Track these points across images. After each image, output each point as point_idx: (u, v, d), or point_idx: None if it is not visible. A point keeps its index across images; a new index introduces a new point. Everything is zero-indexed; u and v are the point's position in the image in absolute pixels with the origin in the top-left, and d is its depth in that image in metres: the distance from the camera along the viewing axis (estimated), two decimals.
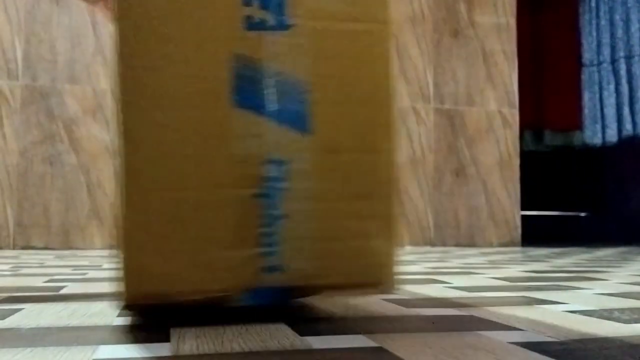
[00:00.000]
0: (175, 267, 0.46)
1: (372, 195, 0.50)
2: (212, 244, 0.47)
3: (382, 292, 0.50)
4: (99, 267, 1.06)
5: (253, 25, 0.48)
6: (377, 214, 0.50)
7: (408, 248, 2.03)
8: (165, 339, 0.41)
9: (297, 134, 0.48)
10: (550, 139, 2.81)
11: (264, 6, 0.48)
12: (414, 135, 2.22)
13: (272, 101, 0.48)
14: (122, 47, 0.46)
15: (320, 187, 0.49)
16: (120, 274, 0.46)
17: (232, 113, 0.47)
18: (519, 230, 2.29)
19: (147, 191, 0.46)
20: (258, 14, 0.48)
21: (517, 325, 0.47)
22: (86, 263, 1.18)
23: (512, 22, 2.37)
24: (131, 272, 0.46)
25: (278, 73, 0.48)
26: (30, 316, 0.51)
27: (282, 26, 0.49)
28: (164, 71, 0.47)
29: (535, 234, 3.79)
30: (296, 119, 0.48)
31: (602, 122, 2.69)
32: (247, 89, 0.48)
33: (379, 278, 0.50)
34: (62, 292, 0.69)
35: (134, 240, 0.46)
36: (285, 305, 0.48)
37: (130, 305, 0.46)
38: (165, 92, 0.46)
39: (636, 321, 0.49)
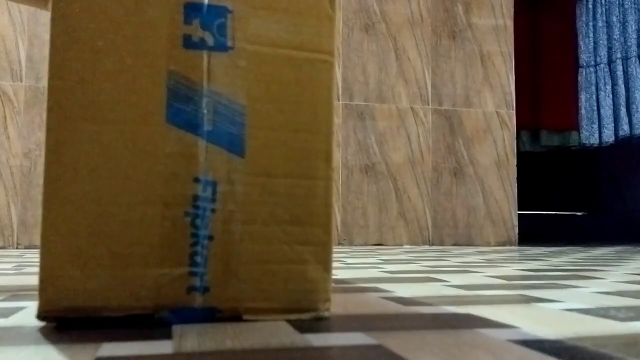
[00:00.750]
0: (96, 283, 0.45)
1: (308, 221, 0.50)
2: (137, 261, 0.46)
3: (314, 318, 0.50)
4: None
5: (192, 44, 0.47)
6: (312, 239, 0.50)
7: (406, 247, 2.04)
8: (168, 336, 0.42)
9: (230, 156, 0.48)
10: (547, 139, 2.82)
11: (205, 26, 0.48)
12: (412, 136, 2.23)
13: (207, 121, 0.48)
14: (53, 57, 0.46)
15: (251, 210, 0.48)
16: (39, 285, 0.45)
17: (165, 130, 0.47)
18: (516, 230, 2.30)
19: (68, 203, 0.45)
20: (198, 33, 0.48)
21: (514, 323, 0.48)
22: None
23: (510, 23, 2.38)
24: (47, 283, 0.45)
25: (215, 94, 0.48)
26: (33, 314, 0.51)
27: (222, 47, 0.48)
28: (96, 84, 0.46)
29: (532, 233, 3.80)
30: (230, 141, 0.48)
31: (598, 123, 2.70)
32: (181, 108, 0.47)
33: (309, 303, 0.50)
34: None
35: (52, 252, 0.45)
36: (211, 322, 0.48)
37: (47, 317, 0.45)
38: (95, 105, 0.46)
39: (632, 319, 0.50)
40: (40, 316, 0.45)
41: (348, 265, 1.15)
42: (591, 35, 2.74)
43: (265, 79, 0.49)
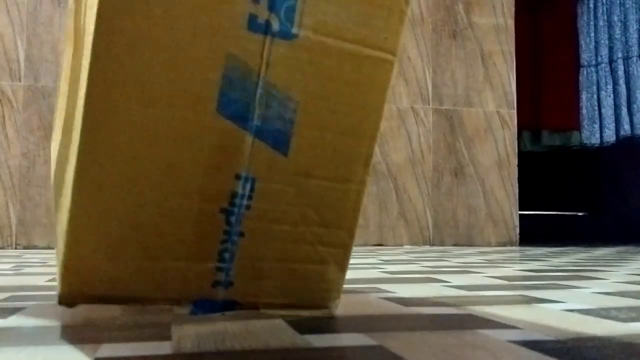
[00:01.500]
0: (123, 272, 0.43)
1: (335, 224, 0.49)
2: (167, 254, 0.44)
3: (324, 313, 0.51)
4: None
5: (256, 26, 0.42)
6: (335, 241, 0.49)
7: (407, 247, 2.04)
8: (167, 337, 0.41)
9: (273, 153, 0.45)
10: (548, 139, 2.82)
11: (273, 7, 0.42)
12: (413, 136, 2.23)
13: (257, 115, 0.44)
14: (101, 20, 0.39)
15: (284, 210, 0.47)
16: (60, 269, 0.43)
17: (214, 121, 0.42)
18: (517, 230, 2.30)
19: (102, 187, 0.42)
20: (264, 14, 0.42)
21: (515, 324, 0.47)
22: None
23: (511, 23, 2.38)
24: (70, 269, 0.42)
25: (270, 85, 0.44)
26: (32, 315, 0.51)
27: (287, 35, 0.43)
28: (147, 56, 0.40)
29: (533, 234, 3.80)
30: (277, 138, 0.45)
31: (600, 123, 2.70)
32: (234, 97, 0.43)
33: (322, 300, 0.50)
34: None
35: (80, 236, 0.42)
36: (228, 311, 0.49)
37: (67, 302, 0.44)
38: (143, 82, 0.40)
39: (633, 320, 0.50)
40: (61, 302, 0.43)
41: (348, 265, 1.15)
42: (592, 34, 2.74)
43: (323, 74, 0.45)
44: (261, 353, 0.37)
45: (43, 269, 1.01)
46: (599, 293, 0.70)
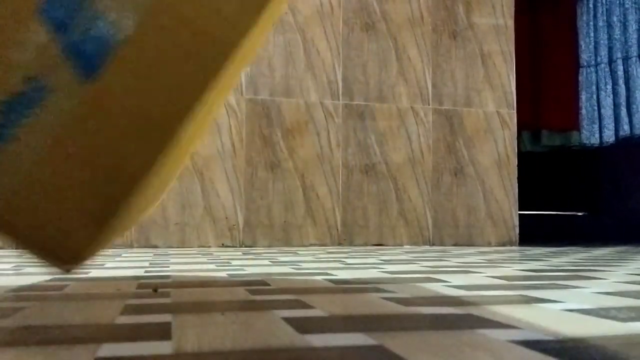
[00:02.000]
0: None
1: (116, 180, 0.46)
2: None
3: (57, 268, 0.48)
4: (101, 266, 1.07)
5: None
6: (110, 196, 0.46)
7: (407, 247, 2.04)
8: (167, 337, 0.42)
9: (78, 75, 0.44)
10: (548, 139, 2.82)
11: None
12: (412, 136, 2.23)
13: (75, 28, 0.44)
14: None
15: (75, 141, 0.45)
16: None
17: (30, 17, 0.43)
18: (517, 230, 2.30)
19: None
20: None
21: (515, 324, 0.47)
22: (88, 262, 1.18)
23: (510, 23, 2.38)
24: None
25: (100, 11, 0.44)
26: (32, 315, 0.51)
27: None
28: None
29: (532, 234, 3.80)
30: (90, 61, 0.44)
31: (599, 123, 2.70)
32: (59, 5, 0.43)
33: (59, 261, 0.47)
34: (65, 290, 0.69)
35: None
36: None
37: None
38: None
39: (633, 320, 0.50)
40: None
41: (348, 265, 1.15)
42: (592, 34, 2.74)
43: (164, 12, 0.44)
44: (261, 352, 0.37)
45: (43, 269, 1.01)
46: (598, 293, 0.70)
